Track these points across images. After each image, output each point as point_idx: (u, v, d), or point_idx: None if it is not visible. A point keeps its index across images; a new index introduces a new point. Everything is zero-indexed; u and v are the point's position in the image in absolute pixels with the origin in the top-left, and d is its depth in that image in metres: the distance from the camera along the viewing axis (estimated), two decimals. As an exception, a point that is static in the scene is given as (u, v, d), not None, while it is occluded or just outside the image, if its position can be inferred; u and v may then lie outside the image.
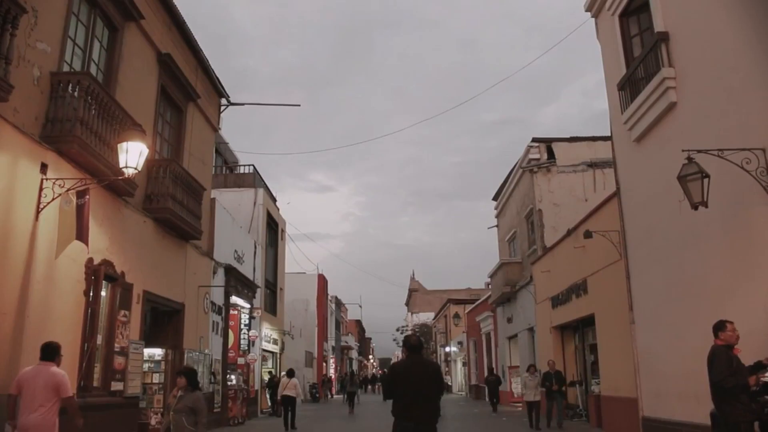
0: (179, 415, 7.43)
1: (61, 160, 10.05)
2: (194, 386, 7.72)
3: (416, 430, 6.52)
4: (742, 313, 8.55)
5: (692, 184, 8.62)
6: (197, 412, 7.50)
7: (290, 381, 18.83)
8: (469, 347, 42.25)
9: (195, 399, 7.56)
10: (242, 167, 29.64)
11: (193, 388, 7.66)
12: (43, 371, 7.27)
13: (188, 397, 7.53)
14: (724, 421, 6.76)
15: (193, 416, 7.45)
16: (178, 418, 7.44)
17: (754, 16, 9.12)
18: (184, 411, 7.41)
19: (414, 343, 7.04)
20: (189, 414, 7.42)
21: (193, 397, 7.58)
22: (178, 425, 7.43)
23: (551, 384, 17.39)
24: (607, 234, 14.97)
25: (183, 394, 7.58)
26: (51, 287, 9.78)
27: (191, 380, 7.71)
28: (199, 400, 7.60)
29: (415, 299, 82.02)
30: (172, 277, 15.12)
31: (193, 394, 7.62)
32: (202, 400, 7.69)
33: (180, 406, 7.47)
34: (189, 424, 7.40)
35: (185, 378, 7.67)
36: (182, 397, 7.53)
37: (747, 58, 9.31)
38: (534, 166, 23.74)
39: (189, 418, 7.42)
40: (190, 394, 7.58)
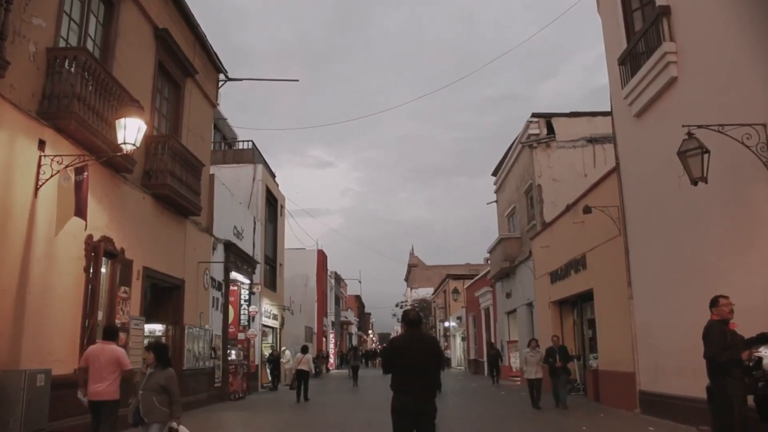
0: (149, 393, 6.95)
1: (58, 136, 10.00)
2: (165, 363, 7.17)
3: (415, 404, 6.57)
4: (740, 289, 8.59)
5: (692, 159, 8.61)
6: (170, 392, 7.00)
7: (304, 357, 20.13)
8: (468, 322, 42.50)
9: (167, 377, 7.04)
10: (241, 143, 29.52)
11: (163, 365, 7.14)
12: (106, 348, 8.47)
13: (159, 374, 7.04)
14: (718, 395, 6.83)
15: (165, 395, 6.97)
16: (147, 397, 6.95)
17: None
18: (155, 389, 6.94)
19: (413, 318, 7.05)
20: (160, 393, 6.94)
21: (165, 374, 7.06)
22: (147, 405, 6.94)
23: (555, 360, 15.65)
24: (606, 209, 14.97)
25: (153, 371, 7.09)
26: (51, 264, 9.80)
27: (161, 356, 7.18)
28: (171, 378, 7.06)
29: (415, 275, 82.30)
30: (171, 253, 15.15)
31: (164, 371, 7.10)
32: (174, 378, 7.14)
33: (150, 384, 6.99)
34: (160, 404, 6.93)
35: (153, 354, 7.17)
36: (152, 375, 7.05)
37: (748, 33, 9.24)
38: (533, 141, 23.67)
39: (160, 398, 6.94)
40: (161, 371, 7.08)
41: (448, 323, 50.55)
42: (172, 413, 6.97)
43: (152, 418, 6.90)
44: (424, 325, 63.62)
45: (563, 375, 15.89)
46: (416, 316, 7.14)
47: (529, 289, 24.08)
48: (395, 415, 6.67)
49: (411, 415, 6.55)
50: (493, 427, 12.49)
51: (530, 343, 17.03)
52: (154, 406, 6.90)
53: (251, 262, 23.28)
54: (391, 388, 6.78)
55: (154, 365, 7.10)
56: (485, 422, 13.29)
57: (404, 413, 6.57)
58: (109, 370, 8.31)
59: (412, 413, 6.55)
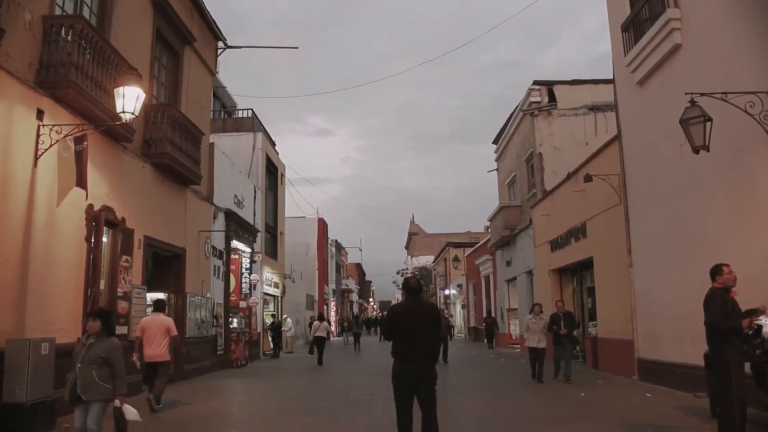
0: (87, 367, 6.06)
1: (57, 106, 9.93)
2: (109, 332, 6.35)
3: (416, 371, 6.64)
4: (741, 257, 8.61)
5: (694, 127, 8.55)
6: (113, 364, 6.14)
7: (321, 324, 21.87)
8: (469, 290, 42.73)
9: (110, 347, 6.17)
10: (241, 111, 29.33)
11: (108, 333, 6.30)
12: (157, 318, 10.61)
13: (100, 345, 6.14)
14: (716, 362, 6.88)
15: (107, 369, 6.11)
16: (86, 370, 6.05)
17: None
18: (95, 362, 6.06)
19: (413, 286, 7.10)
20: (101, 366, 6.07)
21: (107, 344, 6.18)
22: (86, 380, 6.03)
23: (559, 327, 14.22)
24: (607, 178, 14.95)
25: (94, 341, 6.18)
26: (52, 234, 9.81)
27: (107, 324, 6.34)
28: (115, 349, 6.20)
29: (415, 243, 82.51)
30: (172, 222, 15.16)
31: (108, 340, 6.23)
32: (119, 348, 6.27)
33: (90, 356, 6.08)
34: (101, 379, 6.05)
35: (100, 321, 6.25)
36: (93, 345, 6.14)
37: (753, 0, 9.12)
38: (535, 109, 23.53)
39: (101, 372, 6.07)
40: (103, 340, 6.20)
41: (449, 291, 50.81)
42: (116, 389, 6.13)
43: (91, 395, 6.03)
44: (424, 292, 64.03)
45: (569, 344, 14.42)
46: (417, 284, 7.17)
47: (530, 257, 24.16)
48: (396, 381, 6.74)
49: (412, 382, 6.63)
50: (492, 392, 12.63)
51: (533, 308, 15.40)
52: (94, 381, 6.02)
53: (252, 230, 23.31)
54: (392, 355, 6.85)
55: (96, 334, 6.22)
56: (485, 388, 13.43)
57: (405, 380, 6.65)
58: (161, 336, 10.37)
59: (413, 379, 6.62)
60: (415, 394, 6.68)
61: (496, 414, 9.95)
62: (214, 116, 25.74)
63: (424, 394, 6.67)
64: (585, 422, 8.97)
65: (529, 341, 14.72)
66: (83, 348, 6.16)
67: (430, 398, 6.70)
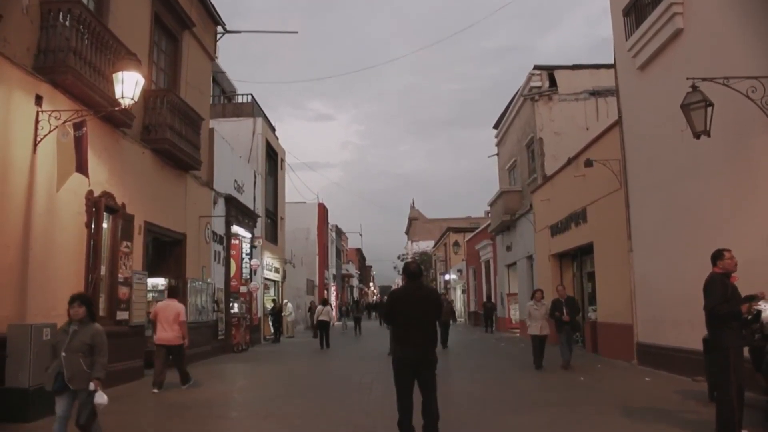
0: (74, 355, 5.85)
1: (55, 91, 9.90)
2: (92, 317, 6.13)
3: (416, 355, 6.68)
4: (741, 242, 8.62)
5: (695, 112, 8.53)
6: (97, 350, 5.94)
7: (324, 308, 22.19)
8: (469, 275, 42.81)
9: (93, 333, 5.97)
10: (240, 97, 29.24)
11: (91, 319, 6.09)
12: (170, 304, 11.38)
13: (85, 331, 5.95)
14: (715, 347, 6.91)
15: (92, 356, 5.92)
16: (72, 358, 5.85)
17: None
18: (81, 350, 5.86)
19: (413, 270, 7.12)
20: (87, 354, 5.89)
21: (92, 330, 5.98)
22: (74, 369, 5.83)
23: (562, 314, 13.61)
24: (607, 163, 14.94)
25: (77, 328, 5.96)
26: (52, 220, 9.82)
27: (90, 310, 6.11)
28: (99, 334, 6.02)
29: (415, 228, 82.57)
30: (172, 207, 15.16)
31: (91, 326, 6.03)
32: (104, 334, 6.08)
33: (75, 344, 5.88)
34: (89, 367, 5.86)
35: (86, 307, 6.03)
36: (76, 333, 5.93)
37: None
38: (535, 94, 23.45)
39: (88, 360, 5.88)
40: (87, 326, 5.99)
41: (449, 276, 50.91)
42: (93, 372, 5.88)
43: (79, 384, 5.84)
44: (424, 277, 64.13)
45: (571, 331, 13.87)
46: (417, 268, 7.19)
47: (530, 242, 24.19)
48: (396, 365, 6.79)
49: (412, 365, 6.67)
50: (492, 376, 12.69)
51: (534, 294, 14.72)
52: (82, 370, 5.84)
53: (252, 215, 23.32)
54: (393, 340, 6.88)
55: (79, 320, 5.99)
56: (484, 372, 13.49)
57: (405, 363, 6.69)
58: (173, 320, 11.11)
59: (413, 363, 6.66)
60: (415, 377, 6.72)
61: (496, 398, 10.01)
62: (213, 101, 25.67)
63: (424, 377, 6.72)
64: (584, 406, 9.02)
65: (531, 328, 13.99)
66: (66, 336, 5.92)
67: (430, 382, 6.74)
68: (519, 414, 8.48)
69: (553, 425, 7.72)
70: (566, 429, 7.47)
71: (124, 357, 12.01)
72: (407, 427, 6.68)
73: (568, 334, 13.71)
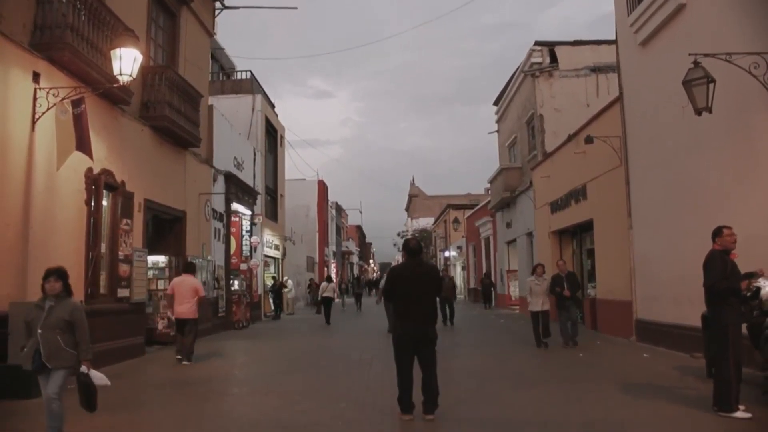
0: (51, 332, 5.54)
1: (53, 68, 9.83)
2: (69, 292, 5.79)
3: (416, 331, 6.73)
4: (741, 219, 8.62)
5: (697, 89, 8.48)
6: (77, 328, 5.64)
7: (329, 285, 23.28)
8: (469, 252, 42.89)
9: (72, 309, 5.68)
10: (239, 73, 29.07)
11: (67, 293, 5.76)
12: (186, 279, 11.93)
13: (62, 306, 5.62)
14: (714, 323, 6.95)
15: (71, 334, 5.61)
16: (49, 336, 5.54)
17: None
18: (59, 326, 5.56)
19: (413, 247, 7.15)
20: (66, 330, 5.59)
21: (70, 306, 5.69)
22: (51, 347, 5.52)
23: (562, 289, 13.31)
24: (608, 140, 14.89)
25: (54, 303, 5.62)
26: (52, 197, 9.80)
27: (66, 284, 5.75)
28: (78, 310, 5.72)
29: (415, 205, 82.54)
30: (172, 185, 15.14)
31: (68, 302, 5.72)
32: (82, 310, 5.80)
33: (52, 321, 5.56)
34: (67, 344, 5.56)
35: (61, 281, 5.68)
36: (53, 308, 5.59)
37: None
38: (536, 70, 23.30)
39: (66, 337, 5.58)
40: (64, 302, 5.67)
41: (449, 253, 51.00)
42: (80, 354, 5.61)
43: (58, 362, 5.55)
44: (424, 254, 64.29)
45: (573, 307, 13.58)
46: (417, 245, 7.23)
47: (530, 219, 24.20)
48: (396, 340, 6.86)
49: (412, 341, 6.73)
50: (492, 353, 12.76)
51: (535, 269, 14.15)
52: (60, 348, 5.54)
53: (252, 193, 23.30)
54: (394, 315, 6.93)
55: (55, 296, 5.66)
56: (484, 348, 13.56)
57: (405, 339, 6.76)
58: (189, 296, 11.64)
59: (413, 339, 6.72)
60: (415, 353, 6.78)
61: (495, 374, 10.08)
62: (212, 78, 25.53)
63: (424, 353, 6.78)
64: (583, 382, 9.09)
65: (532, 305, 13.58)
66: (42, 312, 5.58)
67: (430, 358, 6.80)
68: (518, 390, 8.54)
69: (552, 401, 7.78)
70: (565, 405, 7.53)
71: (125, 334, 12.09)
72: (407, 402, 6.75)
73: (569, 310, 13.41)
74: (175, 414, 7.45)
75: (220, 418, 7.05)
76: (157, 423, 6.89)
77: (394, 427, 6.53)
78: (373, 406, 7.48)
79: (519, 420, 6.71)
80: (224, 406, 7.85)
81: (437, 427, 6.47)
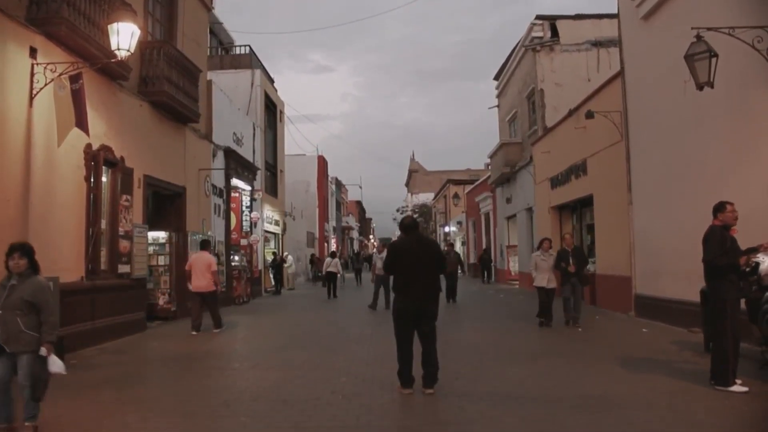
0: (10, 312, 5.13)
1: (50, 43, 9.74)
2: (35, 269, 5.35)
3: (416, 305, 6.76)
4: (741, 194, 8.61)
5: (699, 63, 8.43)
6: (41, 307, 5.21)
7: (333, 261, 23.52)
8: (468, 227, 42.94)
9: (37, 288, 5.25)
10: (238, 48, 28.86)
11: (33, 271, 5.33)
12: (202, 255, 12.91)
13: (25, 286, 5.19)
14: (712, 299, 6.98)
15: (35, 315, 5.19)
16: (8, 317, 5.12)
17: None
18: (20, 307, 5.14)
19: (408, 224, 7.20)
20: (26, 311, 5.16)
21: (34, 285, 5.25)
22: (8, 327, 5.11)
23: (568, 264, 12.62)
24: (609, 115, 14.82)
25: (16, 282, 5.21)
26: (51, 173, 9.78)
27: (32, 261, 5.35)
28: (42, 290, 5.29)
29: (415, 180, 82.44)
30: (171, 160, 15.10)
31: (33, 280, 5.28)
32: (48, 290, 5.40)
33: (14, 300, 5.15)
34: (28, 327, 5.13)
35: (27, 258, 5.28)
36: (15, 288, 5.19)
37: (765, -72, 8.84)
38: (537, 44, 23.13)
39: (27, 319, 5.15)
40: (28, 280, 5.24)
41: (449, 228, 51.05)
42: (42, 336, 5.18)
43: (18, 346, 5.13)
44: (423, 229, 64.42)
45: (578, 285, 12.75)
46: (411, 221, 7.28)
47: (530, 195, 24.18)
48: (396, 315, 6.89)
49: (412, 316, 6.76)
50: (491, 327, 12.81)
51: (542, 243, 13.34)
52: (20, 330, 5.12)
53: (252, 168, 23.25)
54: (393, 290, 6.97)
55: (19, 274, 5.25)
56: (483, 323, 13.63)
57: (405, 314, 6.79)
58: (206, 270, 12.57)
59: (413, 314, 6.76)
60: (415, 328, 6.83)
61: (494, 349, 10.13)
62: (211, 53, 25.35)
63: (423, 328, 6.83)
64: (582, 357, 9.15)
65: (538, 280, 12.84)
66: (3, 291, 5.17)
67: (430, 333, 6.85)
68: (517, 365, 8.60)
69: (551, 376, 7.84)
70: (565, 379, 7.59)
71: (127, 310, 12.15)
72: (407, 376, 6.81)
73: (575, 287, 12.67)
74: (177, 388, 7.52)
75: (222, 393, 7.11)
76: (159, 397, 6.95)
77: (394, 400, 6.59)
78: (373, 381, 7.54)
79: (518, 394, 6.77)
80: (225, 380, 7.92)
81: (436, 401, 6.54)
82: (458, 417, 5.87)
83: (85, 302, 10.59)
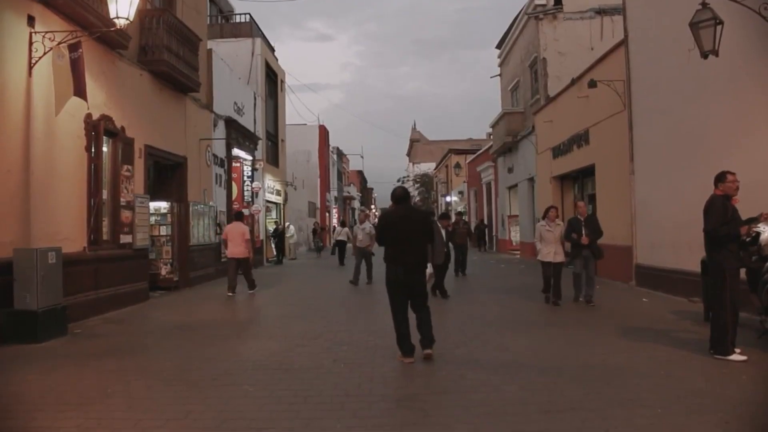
0: None
1: (48, 11, 9.63)
2: None
3: (405, 273, 6.86)
4: (743, 165, 8.58)
5: (704, 31, 8.34)
6: None
7: (343, 229, 25.11)
8: (470, 197, 42.92)
9: None
10: (238, 16, 28.58)
11: None
12: (238, 225, 14.38)
13: None
14: (712, 268, 6.99)
15: None
16: None
17: None
18: None
19: (399, 195, 7.23)
20: None
21: None
22: None
23: (579, 235, 11.22)
24: (611, 84, 14.71)
25: None
26: (52, 144, 9.74)
27: None
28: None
29: (417, 149, 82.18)
30: (172, 130, 15.05)
31: None
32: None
33: None
34: None
35: None
36: None
37: None
38: (540, 12, 22.88)
39: None
40: None
41: (450, 198, 51.03)
42: None
43: None
44: (425, 199, 64.32)
45: (591, 258, 11.35)
46: (402, 192, 7.31)
47: (531, 164, 24.13)
48: (388, 285, 7.02)
49: (402, 286, 6.87)
50: (492, 297, 12.87)
51: (547, 212, 11.72)
52: None
53: (253, 138, 23.18)
54: (384, 260, 7.05)
55: None
56: (483, 293, 13.69)
57: (396, 284, 6.91)
58: (241, 239, 14.00)
59: (403, 284, 6.86)
60: (408, 297, 6.93)
61: (494, 318, 10.19)
62: (210, 22, 25.12)
63: (415, 298, 6.93)
64: (582, 326, 9.21)
65: (543, 254, 11.48)
66: None
67: (422, 302, 6.96)
68: (517, 334, 8.65)
69: (551, 345, 7.90)
70: (565, 348, 7.65)
71: (129, 280, 12.22)
72: (407, 345, 6.90)
73: (587, 260, 11.37)
74: (180, 357, 7.58)
75: (224, 361, 7.17)
76: (161, 366, 7.01)
77: (395, 369, 6.65)
78: (375, 349, 7.61)
79: (518, 363, 6.82)
80: (228, 349, 7.98)
81: (437, 369, 6.59)
82: (458, 385, 5.93)
83: (88, 272, 10.64)
